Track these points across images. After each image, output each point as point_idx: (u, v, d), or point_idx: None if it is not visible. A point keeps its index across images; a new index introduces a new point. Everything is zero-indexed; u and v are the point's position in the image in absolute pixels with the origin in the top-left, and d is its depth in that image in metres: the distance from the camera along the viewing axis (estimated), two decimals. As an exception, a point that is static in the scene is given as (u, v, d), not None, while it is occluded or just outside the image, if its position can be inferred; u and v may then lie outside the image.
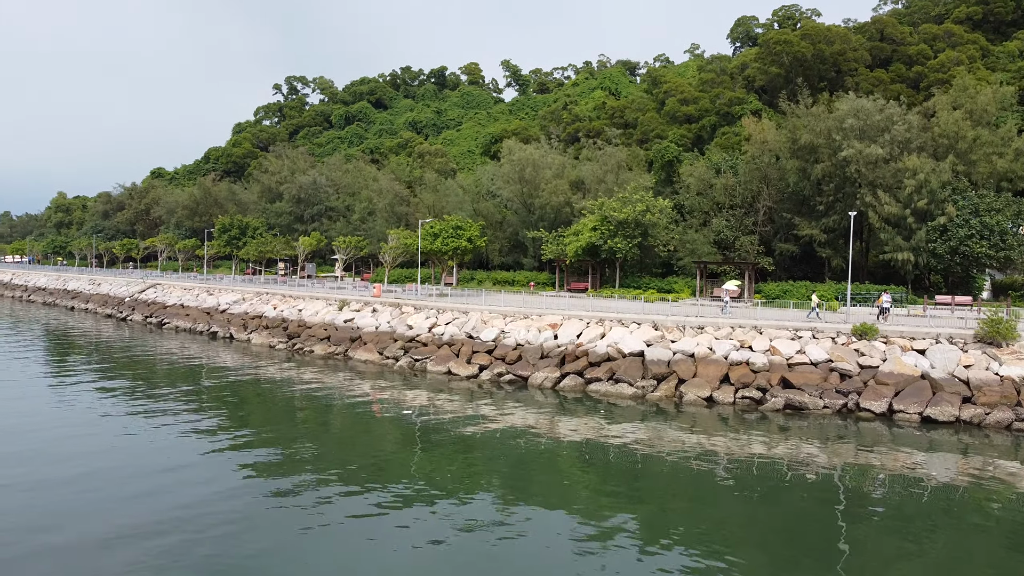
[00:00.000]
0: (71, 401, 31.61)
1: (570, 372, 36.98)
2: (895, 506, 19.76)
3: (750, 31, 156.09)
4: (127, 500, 19.07)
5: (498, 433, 27.01)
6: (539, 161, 76.67)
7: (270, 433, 26.56)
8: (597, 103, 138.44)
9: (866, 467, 23.36)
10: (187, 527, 17.32)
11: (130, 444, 24.68)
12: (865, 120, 53.81)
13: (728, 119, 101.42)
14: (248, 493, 19.87)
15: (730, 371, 34.63)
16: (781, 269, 62.58)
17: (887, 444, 26.23)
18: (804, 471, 22.74)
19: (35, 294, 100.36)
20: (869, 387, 32.04)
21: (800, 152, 59.56)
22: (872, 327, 35.72)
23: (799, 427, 28.77)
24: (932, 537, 17.76)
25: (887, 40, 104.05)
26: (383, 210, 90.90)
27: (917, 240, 51.23)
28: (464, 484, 21.03)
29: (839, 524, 18.35)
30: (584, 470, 22.75)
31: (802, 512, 19.22)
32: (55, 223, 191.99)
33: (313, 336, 49.92)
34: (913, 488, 21.31)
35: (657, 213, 60.59)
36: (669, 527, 18.05)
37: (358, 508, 18.87)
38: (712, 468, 22.95)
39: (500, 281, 74.10)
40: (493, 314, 45.25)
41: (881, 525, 18.40)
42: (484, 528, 17.70)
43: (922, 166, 50.75)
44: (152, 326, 64.96)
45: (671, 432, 27.60)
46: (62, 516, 17.88)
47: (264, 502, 19.20)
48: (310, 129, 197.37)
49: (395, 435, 26.72)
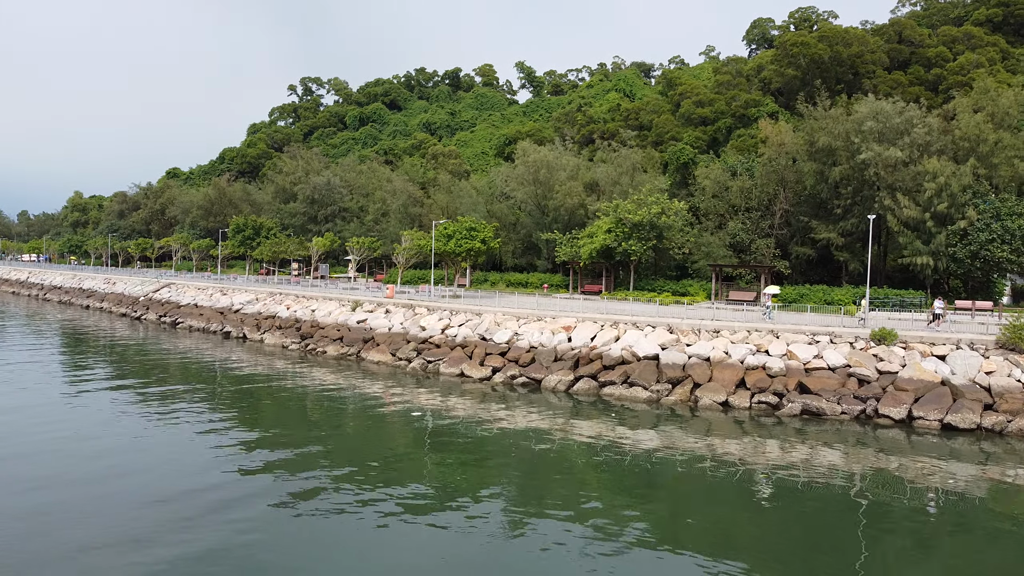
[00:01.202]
0: (84, 403, 31.52)
1: (584, 375, 36.69)
2: (914, 514, 19.40)
3: (766, 33, 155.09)
4: (141, 501, 19.00)
5: (511, 436, 26.79)
6: (553, 163, 76.33)
7: (282, 435, 26.44)
8: (612, 105, 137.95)
9: (884, 474, 22.98)
10: (202, 527, 17.30)
11: (144, 445, 24.59)
12: (884, 123, 53.11)
13: (744, 121, 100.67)
14: (260, 495, 19.73)
15: (746, 375, 34.32)
16: (797, 273, 61.96)
17: (906, 451, 25.82)
18: (821, 478, 22.39)
19: (51, 293, 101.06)
20: (888, 393, 31.60)
21: (818, 154, 58.92)
22: (891, 332, 35.16)
23: (816, 433, 28.39)
24: (951, 546, 17.42)
25: (905, 42, 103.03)
26: (396, 211, 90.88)
27: (937, 244, 50.52)
28: (476, 488, 20.87)
29: (855, 532, 18.00)
30: (597, 474, 22.52)
31: (818, 520, 18.92)
32: (71, 222, 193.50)
33: (326, 337, 49.86)
34: (933, 496, 20.93)
35: (672, 215, 60.15)
36: (682, 534, 17.85)
37: (370, 513, 18.73)
38: (727, 474, 22.63)
39: (513, 283, 73.84)
40: (506, 316, 45.03)
41: (899, 533, 18.07)
42: (495, 533, 17.57)
43: (942, 169, 50.06)
44: (166, 325, 65.17)
45: (686, 437, 27.30)
46: (76, 516, 17.86)
47: (276, 505, 19.08)
48: (324, 130, 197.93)
49: (407, 438, 26.57)
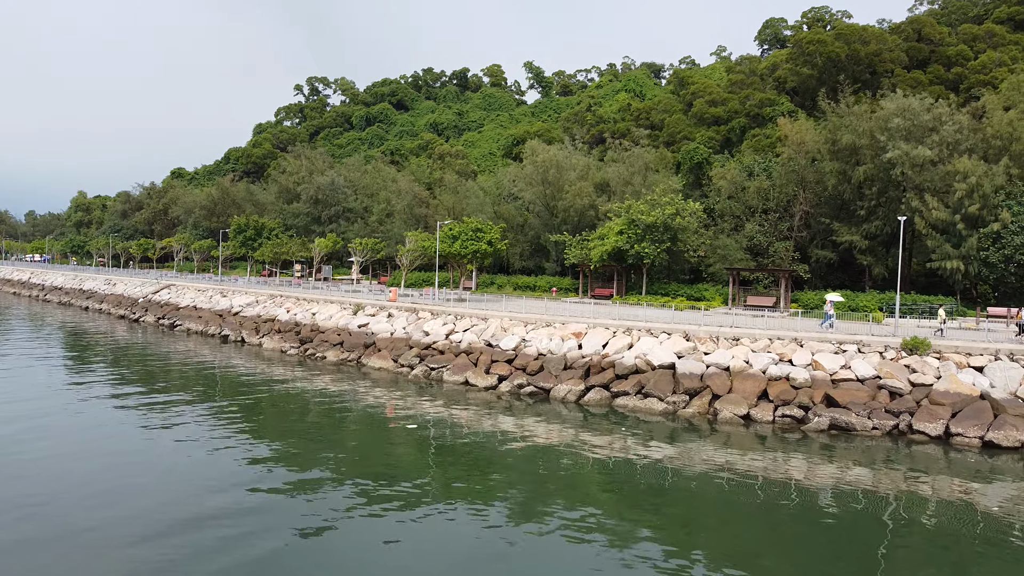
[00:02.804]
0: (76, 411, 30.00)
1: (595, 385, 34.83)
2: (949, 537, 18.08)
3: (778, 34, 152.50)
4: (139, 507, 18.83)
5: (517, 450, 25.38)
6: (563, 162, 74.06)
7: (280, 448, 24.98)
8: (622, 105, 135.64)
9: (919, 494, 21.49)
10: (205, 549, 16.64)
11: (138, 454, 23.68)
12: (912, 120, 50.55)
13: (758, 121, 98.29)
14: (255, 512, 18.78)
15: (768, 387, 32.56)
16: (817, 277, 59.42)
17: (943, 470, 24.23)
18: (849, 498, 21.00)
19: (51, 293, 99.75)
20: (923, 407, 29.79)
21: (840, 154, 56.31)
22: (924, 341, 32.99)
23: (845, 449, 26.67)
24: (988, 573, 15.99)
25: (924, 40, 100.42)
26: (401, 212, 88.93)
27: (968, 248, 47.93)
28: (481, 504, 19.86)
29: (886, 557, 16.61)
30: (608, 491, 21.28)
31: (845, 543, 17.57)
32: (75, 222, 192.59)
33: (326, 341, 47.94)
34: (973, 520, 19.39)
35: (688, 216, 57.80)
36: (698, 556, 16.86)
37: (367, 530, 17.94)
38: (748, 493, 21.15)
39: (521, 286, 71.71)
40: (513, 321, 43.09)
41: (933, 559, 16.73)
42: (500, 550, 16.86)
43: (974, 169, 47.54)
44: (164, 328, 63.76)
45: (704, 452, 25.81)
46: (77, 521, 17.91)
47: (277, 521, 18.22)
48: (331, 130, 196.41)
49: (408, 450, 25.19)
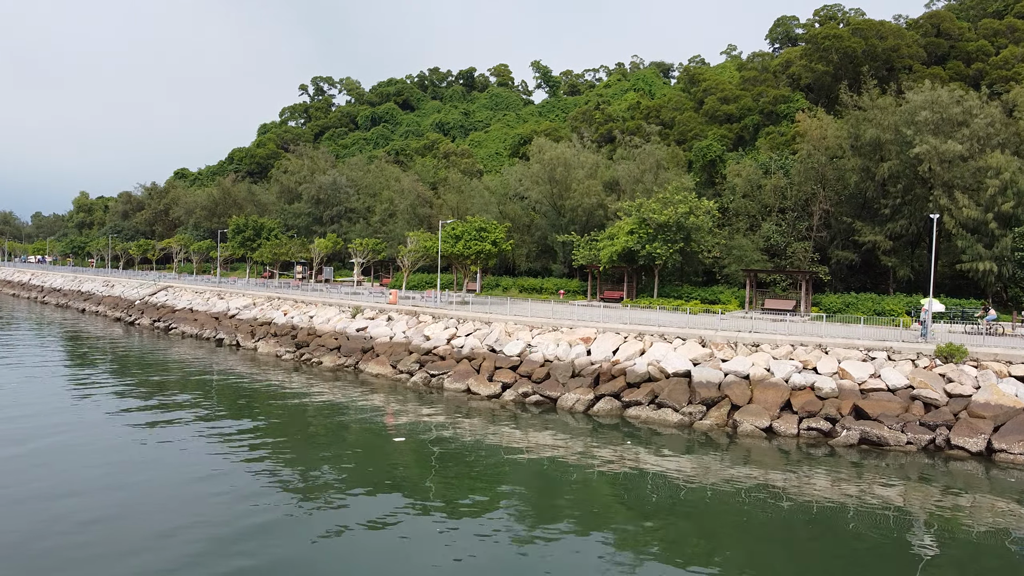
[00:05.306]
0: (69, 422, 28.16)
1: (605, 394, 32.60)
2: (990, 566, 16.75)
3: (790, 32, 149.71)
4: (141, 514, 18.52)
5: (522, 462, 23.78)
6: (571, 160, 71.60)
7: (278, 459, 23.53)
8: (631, 103, 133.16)
9: (958, 518, 19.66)
10: (207, 557, 16.23)
11: (134, 461, 22.92)
12: (941, 113, 47.77)
13: (772, 118, 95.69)
14: (248, 526, 17.98)
15: (792, 397, 30.33)
16: (837, 279, 56.62)
17: (985, 490, 22.30)
18: (881, 520, 19.36)
19: (49, 295, 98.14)
20: (961, 420, 27.55)
21: (863, 149, 53.53)
22: (960, 348, 30.66)
23: (877, 466, 24.55)
24: None
25: (943, 36, 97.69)
26: (404, 211, 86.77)
27: (1001, 248, 45.24)
28: (484, 520, 18.87)
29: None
30: (619, 507, 20.06)
31: (875, 570, 16.30)
32: (76, 223, 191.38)
33: (323, 346, 45.78)
34: (1017, 544, 18.00)
35: (702, 215, 55.20)
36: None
37: (362, 545, 17.16)
38: (769, 511, 19.76)
39: (527, 288, 69.37)
40: (519, 325, 40.86)
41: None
42: (503, 568, 16.11)
43: (1007, 164, 44.90)
44: (159, 331, 61.94)
45: (722, 467, 23.93)
46: (76, 526, 17.62)
47: (277, 534, 17.44)
48: (336, 130, 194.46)
49: (407, 462, 23.67)
